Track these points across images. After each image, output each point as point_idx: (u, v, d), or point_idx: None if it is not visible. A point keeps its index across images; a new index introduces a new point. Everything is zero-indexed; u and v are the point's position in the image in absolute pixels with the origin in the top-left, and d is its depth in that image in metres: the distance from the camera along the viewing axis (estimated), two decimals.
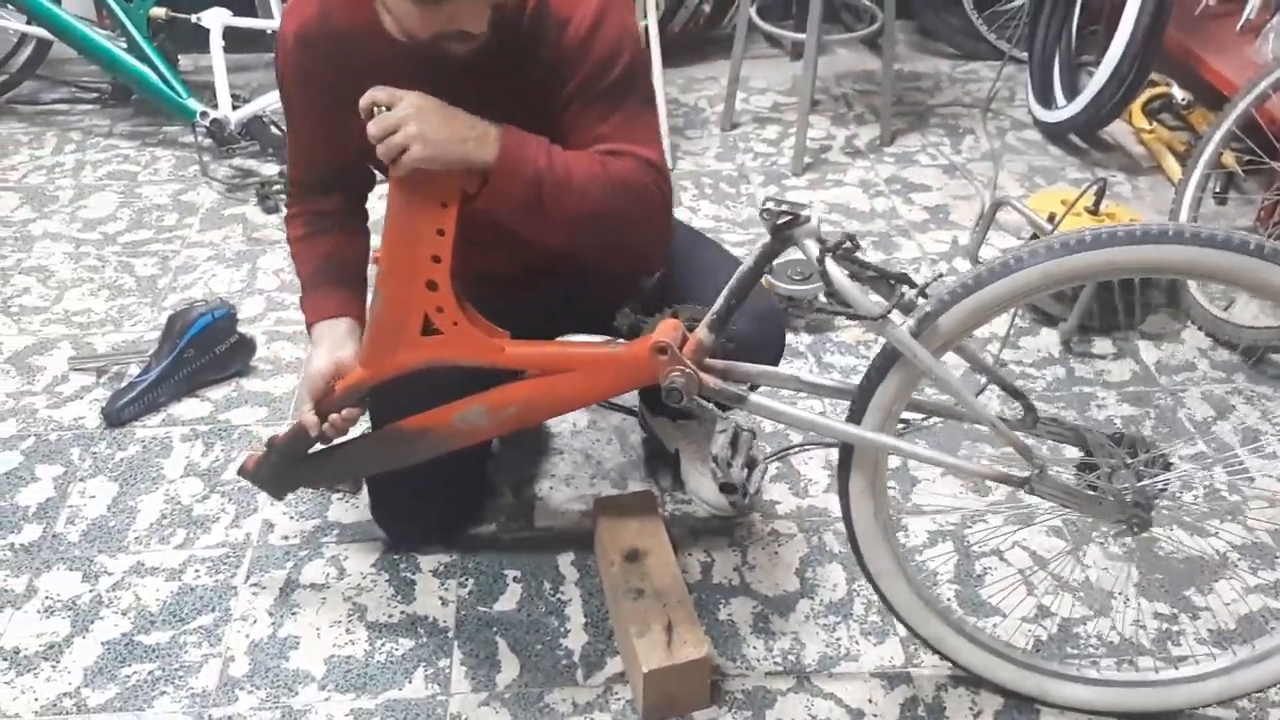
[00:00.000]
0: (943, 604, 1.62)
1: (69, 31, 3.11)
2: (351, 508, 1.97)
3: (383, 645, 1.71)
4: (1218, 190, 2.88)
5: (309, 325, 1.64)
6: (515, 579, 1.83)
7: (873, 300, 1.35)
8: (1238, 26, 3.10)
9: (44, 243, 2.78)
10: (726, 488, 1.41)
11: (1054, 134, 3.25)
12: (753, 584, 1.81)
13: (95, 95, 3.50)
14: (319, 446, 1.67)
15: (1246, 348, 2.31)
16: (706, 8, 3.70)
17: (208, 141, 3.07)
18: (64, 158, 3.20)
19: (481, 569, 1.85)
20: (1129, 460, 1.42)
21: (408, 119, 1.32)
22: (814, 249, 1.35)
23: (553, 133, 1.44)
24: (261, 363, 2.32)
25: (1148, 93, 3.14)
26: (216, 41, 3.07)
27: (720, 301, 1.43)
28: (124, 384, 2.20)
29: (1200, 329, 2.41)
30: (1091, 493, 1.42)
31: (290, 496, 1.98)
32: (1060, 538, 1.88)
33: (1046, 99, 3.31)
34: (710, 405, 1.48)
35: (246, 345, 2.29)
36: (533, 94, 1.47)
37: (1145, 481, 1.42)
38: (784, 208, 1.34)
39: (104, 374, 2.29)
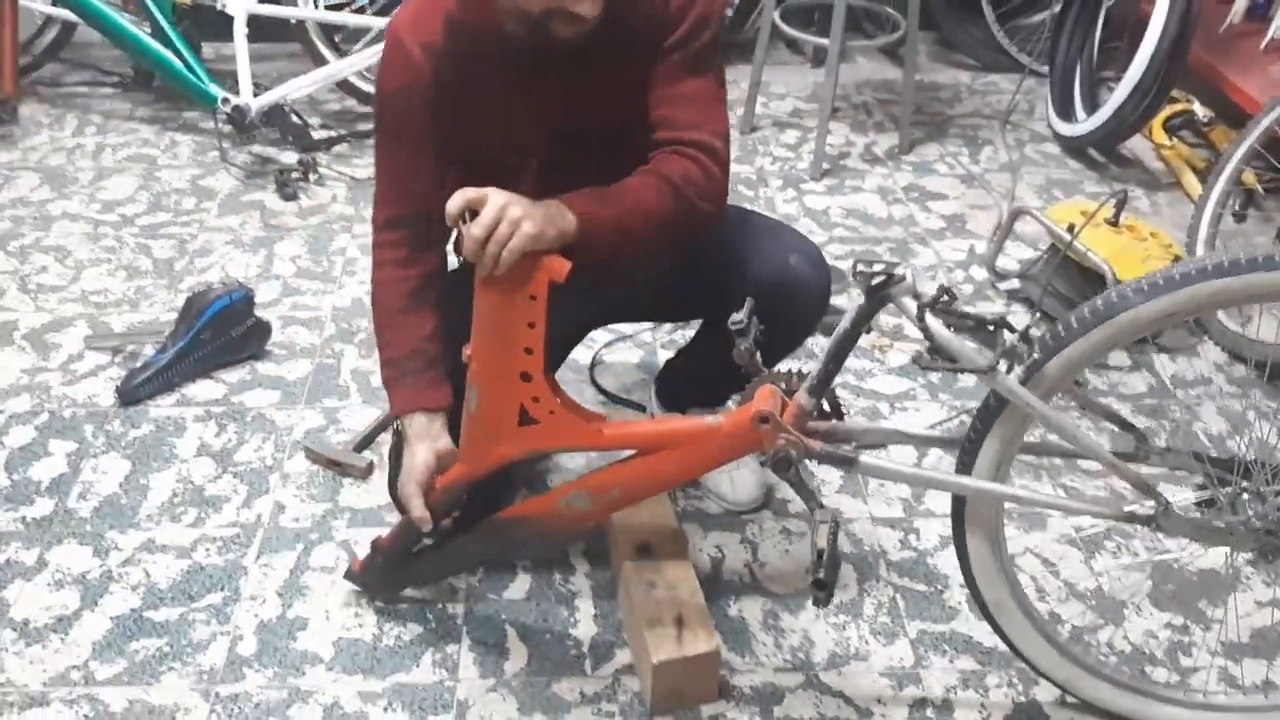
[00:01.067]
0: (1064, 639, 1.59)
1: (94, 14, 3.12)
2: (364, 493, 1.97)
3: (391, 629, 1.71)
4: (1237, 208, 2.87)
5: (401, 411, 1.59)
6: (525, 568, 1.82)
7: (978, 351, 1.34)
8: (1262, 45, 3.11)
9: (62, 223, 2.78)
10: (819, 584, 1.38)
11: (1073, 147, 3.25)
12: (763, 581, 1.81)
13: (117, 79, 3.52)
14: (425, 542, 1.67)
15: (1262, 363, 2.31)
16: (729, 11, 3.70)
17: (228, 128, 3.07)
18: (84, 140, 3.21)
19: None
20: (1247, 485, 1.37)
21: (506, 207, 1.31)
22: (912, 307, 1.34)
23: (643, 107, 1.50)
24: (276, 347, 2.32)
25: (1169, 109, 3.14)
26: (240, 29, 3.08)
27: (820, 366, 1.43)
28: (139, 363, 2.20)
29: (1217, 344, 2.40)
30: (1219, 525, 1.38)
31: (302, 478, 1.98)
32: (1074, 546, 1.87)
33: (1066, 112, 3.31)
34: (814, 489, 1.46)
35: (262, 329, 2.29)
36: (633, 84, 1.50)
37: (1271, 504, 1.36)
38: (877, 268, 1.33)
39: (119, 353, 2.29)
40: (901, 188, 3.05)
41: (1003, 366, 1.33)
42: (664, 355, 2.31)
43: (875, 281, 1.34)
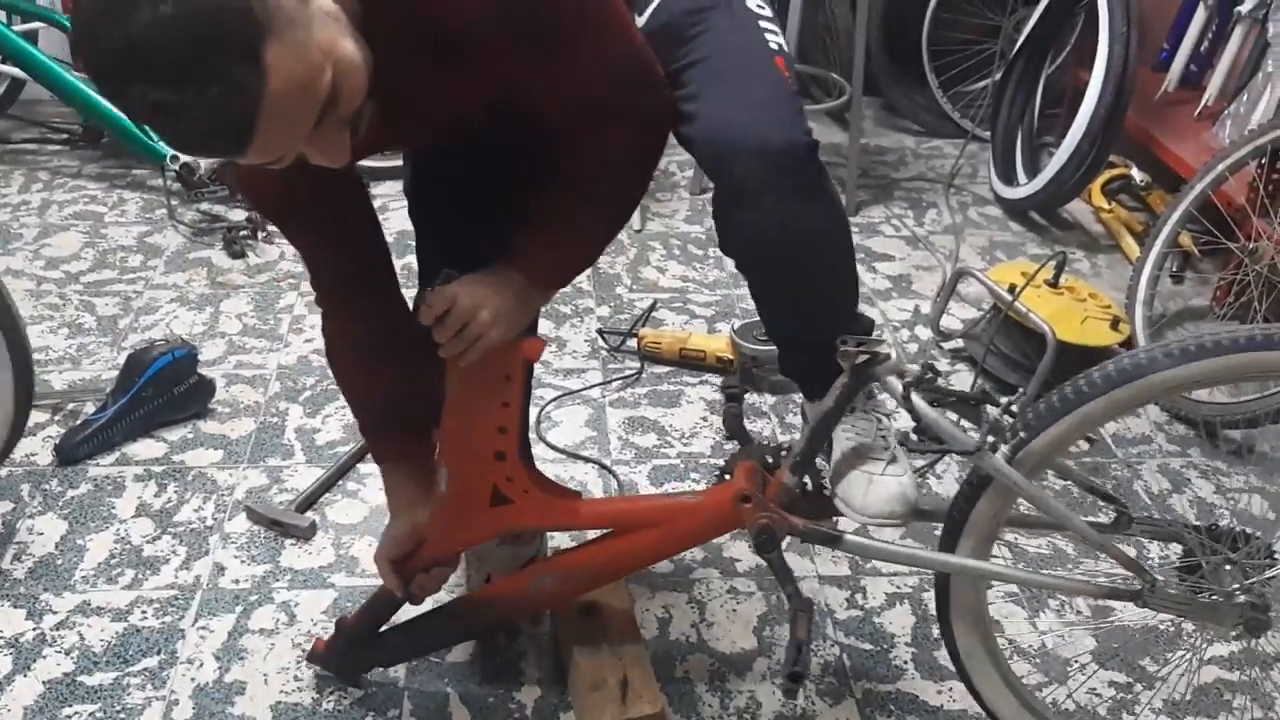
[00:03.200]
0: None
1: (43, 71, 3.11)
2: (306, 554, 1.94)
3: (331, 693, 1.67)
4: (1174, 270, 2.94)
5: (381, 459, 1.58)
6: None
7: (963, 429, 1.35)
8: (1195, 113, 3.19)
9: (5, 279, 2.74)
10: (794, 676, 1.36)
11: (1015, 210, 3.32)
12: (710, 641, 1.80)
13: (66, 136, 3.50)
14: (390, 623, 1.65)
15: (1203, 422, 2.35)
16: None
17: (176, 185, 3.06)
18: (30, 196, 3.18)
19: None
20: (1232, 556, 1.37)
21: (476, 310, 1.29)
22: (898, 386, 1.34)
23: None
24: (220, 405, 2.30)
25: (1107, 173, 3.21)
26: None
27: (802, 443, 1.42)
28: (79, 421, 2.17)
29: (1156, 403, 2.44)
30: (1206, 599, 1.37)
31: (243, 539, 1.95)
32: (1018, 604, 1.88)
33: (1008, 176, 3.38)
34: (788, 572, 1.45)
35: (206, 387, 2.27)
36: (478, 89, 1.25)
37: (1255, 578, 1.35)
38: (861, 346, 1.32)
39: (59, 411, 2.25)
40: None
41: (988, 445, 1.33)
42: (614, 413, 2.31)
43: (859, 360, 1.33)
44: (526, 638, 1.77)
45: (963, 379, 2.51)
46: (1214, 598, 1.37)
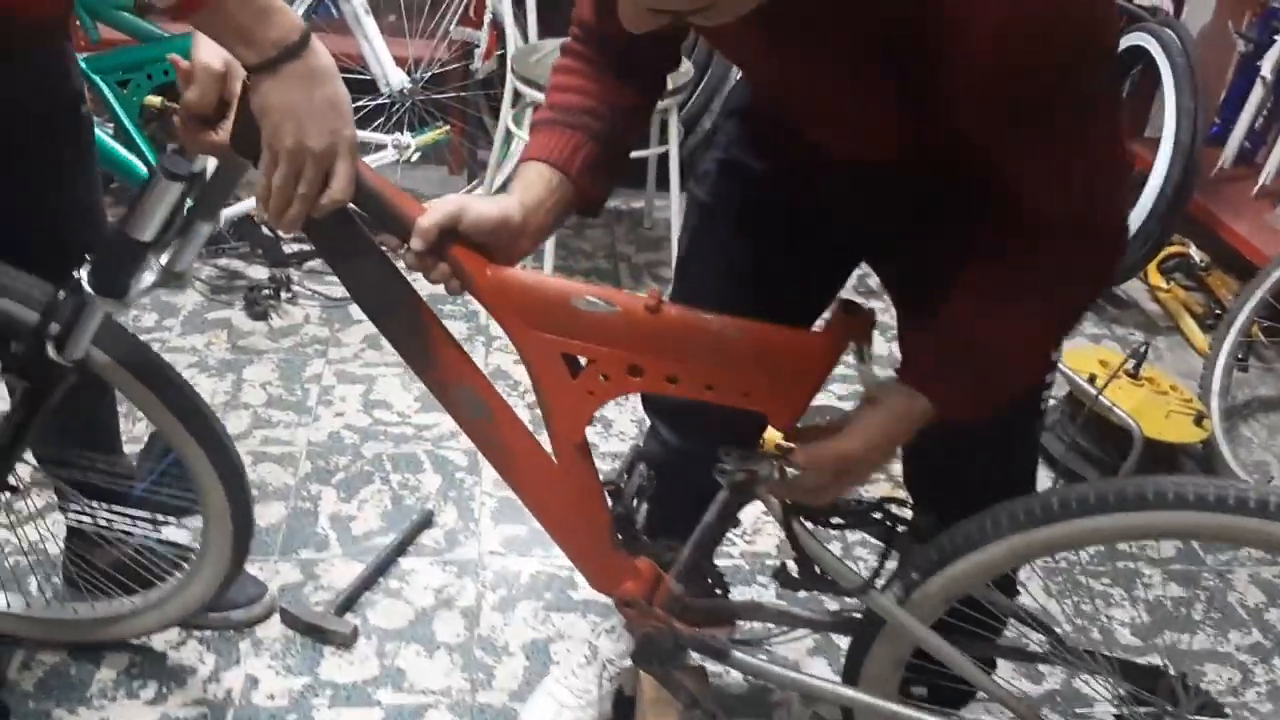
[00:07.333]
0: None
1: None
2: (346, 663, 1.76)
3: None
4: (1240, 356, 2.81)
5: (526, 156, 1.21)
6: None
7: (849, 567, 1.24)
8: (1253, 192, 3.09)
9: None
10: None
11: None
12: None
13: None
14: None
15: None
16: (708, 123, 3.62)
17: None
18: None
19: None
20: (1170, 709, 1.24)
21: (849, 472, 1.14)
22: (776, 507, 1.22)
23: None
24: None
25: (1164, 251, 3.10)
26: None
27: (686, 553, 1.29)
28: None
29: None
30: None
31: (277, 645, 1.77)
32: None
33: None
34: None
35: None
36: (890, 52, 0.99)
37: None
38: (740, 463, 1.19)
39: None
40: None
41: (879, 584, 1.22)
42: None
43: (738, 479, 1.20)
44: None
45: None
46: None
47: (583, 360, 1.13)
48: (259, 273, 2.84)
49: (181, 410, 1.43)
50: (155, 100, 2.94)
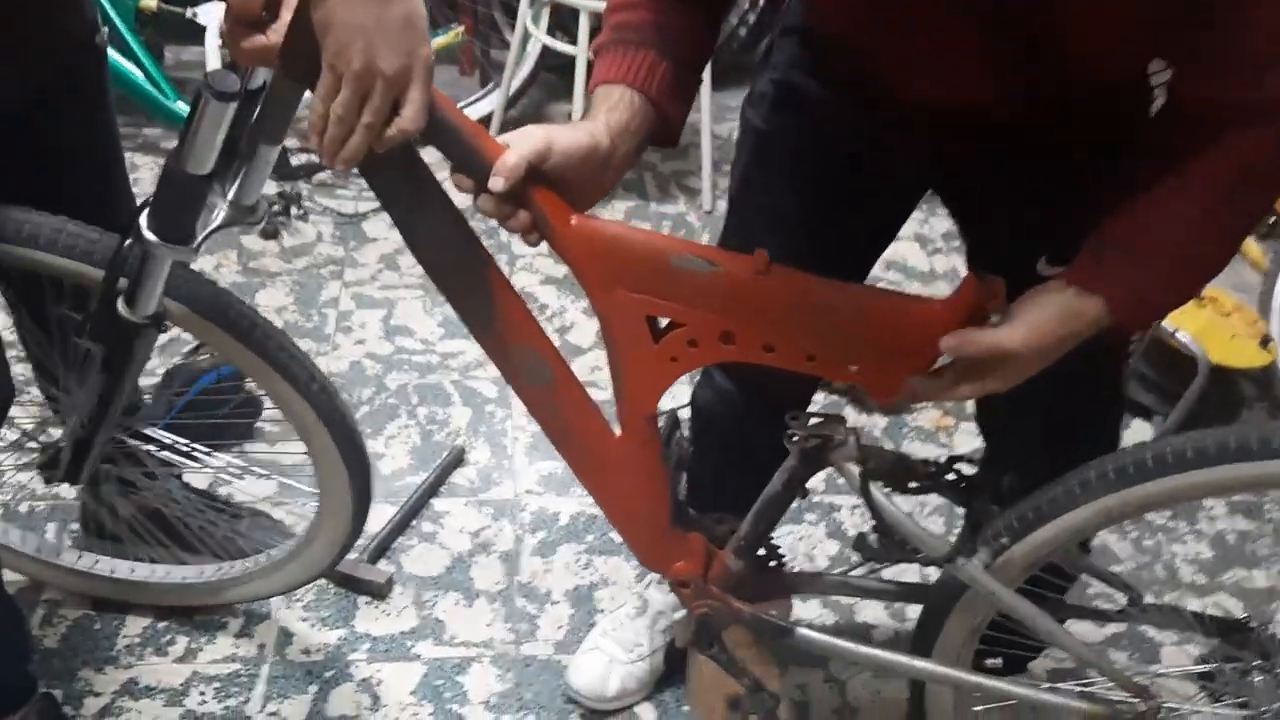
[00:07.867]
0: None
1: None
2: (382, 614, 1.68)
3: None
4: None
5: (592, 86, 1.09)
6: (582, 715, 1.56)
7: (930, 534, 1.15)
8: None
9: None
10: None
11: None
12: None
13: None
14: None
15: None
16: (742, 31, 3.44)
17: None
18: None
19: (541, 702, 1.58)
20: (1262, 663, 1.17)
21: (996, 372, 1.00)
22: (854, 475, 1.10)
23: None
24: (267, 425, 2.01)
25: None
26: (213, 40, 2.73)
27: (747, 526, 1.20)
28: None
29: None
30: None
31: (309, 596, 1.70)
32: None
33: None
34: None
35: (252, 405, 1.98)
36: None
37: None
38: (812, 427, 1.08)
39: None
40: (940, 235, 2.82)
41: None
42: None
43: (809, 445, 1.09)
44: None
45: None
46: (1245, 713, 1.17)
47: (662, 322, 1.02)
48: (266, 188, 2.68)
49: (276, 360, 1.34)
50: (151, 3, 2.77)
